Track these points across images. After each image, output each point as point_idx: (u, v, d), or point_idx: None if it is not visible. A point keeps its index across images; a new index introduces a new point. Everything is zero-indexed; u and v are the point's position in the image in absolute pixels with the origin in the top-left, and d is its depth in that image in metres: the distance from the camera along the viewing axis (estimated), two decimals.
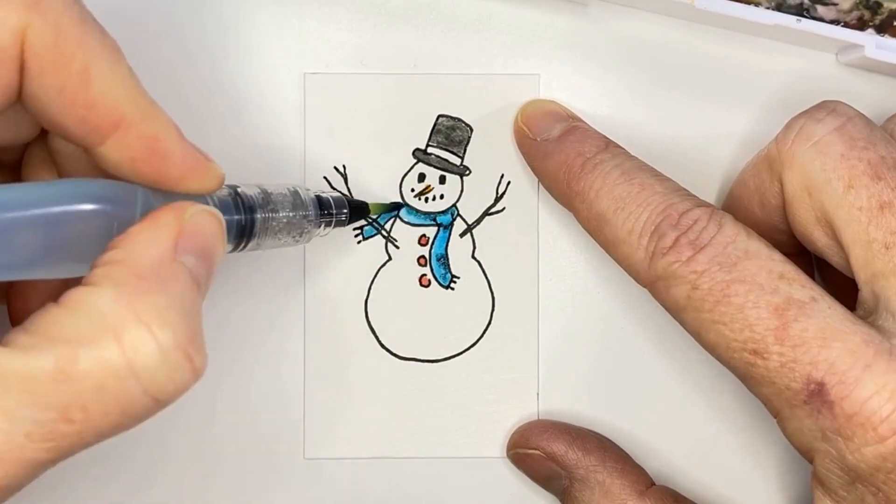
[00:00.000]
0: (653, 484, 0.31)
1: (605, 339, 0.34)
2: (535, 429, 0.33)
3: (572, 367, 0.34)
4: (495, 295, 0.34)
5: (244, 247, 0.28)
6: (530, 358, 0.34)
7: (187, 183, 0.25)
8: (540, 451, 0.32)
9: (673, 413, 0.34)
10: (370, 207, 0.32)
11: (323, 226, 0.30)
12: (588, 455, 0.31)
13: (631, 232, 0.27)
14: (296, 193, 0.29)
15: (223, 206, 0.27)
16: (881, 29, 0.32)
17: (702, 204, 0.27)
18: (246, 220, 0.27)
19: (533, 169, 0.32)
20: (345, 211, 0.31)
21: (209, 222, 0.25)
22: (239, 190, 0.28)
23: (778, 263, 0.26)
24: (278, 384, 0.33)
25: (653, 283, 0.27)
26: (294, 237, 0.29)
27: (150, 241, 0.23)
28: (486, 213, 0.34)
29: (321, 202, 0.30)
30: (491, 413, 0.34)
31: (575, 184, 0.29)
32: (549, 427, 0.33)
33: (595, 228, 0.29)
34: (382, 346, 0.34)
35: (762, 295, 0.25)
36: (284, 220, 0.29)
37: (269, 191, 0.29)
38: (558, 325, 0.34)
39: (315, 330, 0.33)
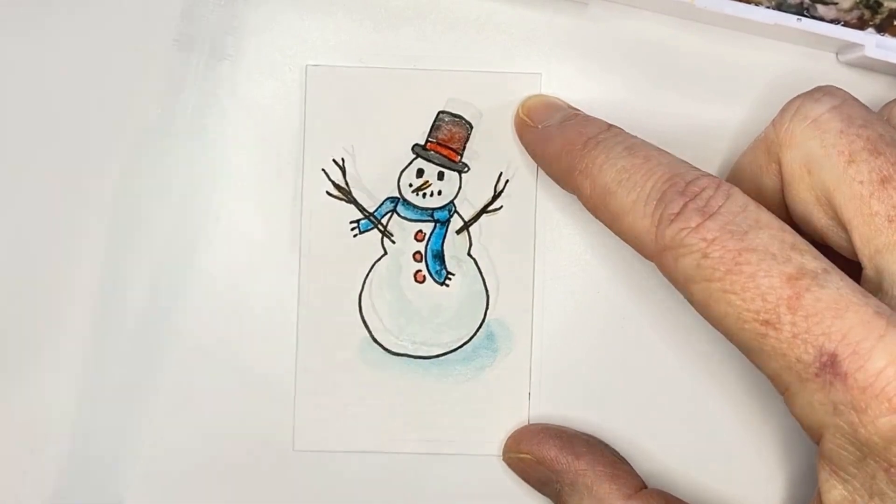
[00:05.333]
0: (643, 487, 0.31)
1: (601, 339, 0.33)
2: (528, 433, 0.32)
3: (566, 367, 0.33)
4: (490, 293, 0.33)
5: None
6: (523, 357, 0.33)
7: None
8: (532, 455, 0.31)
9: (669, 415, 0.33)
10: None
11: None
12: (578, 459, 0.31)
13: (636, 201, 0.27)
14: None
15: None
16: (881, 28, 0.33)
17: (708, 174, 0.27)
18: None
19: (534, 155, 0.32)
20: None
21: None
22: None
23: (789, 234, 0.25)
24: (269, 376, 0.33)
25: (660, 254, 0.26)
26: None
27: None
28: (484, 210, 0.33)
29: None
30: (482, 411, 0.33)
31: (578, 161, 0.29)
32: (540, 431, 0.32)
33: (599, 204, 0.28)
34: (375, 340, 0.33)
35: (774, 264, 0.24)
36: None
37: None
38: (553, 324, 0.33)
39: (307, 323, 0.33)
